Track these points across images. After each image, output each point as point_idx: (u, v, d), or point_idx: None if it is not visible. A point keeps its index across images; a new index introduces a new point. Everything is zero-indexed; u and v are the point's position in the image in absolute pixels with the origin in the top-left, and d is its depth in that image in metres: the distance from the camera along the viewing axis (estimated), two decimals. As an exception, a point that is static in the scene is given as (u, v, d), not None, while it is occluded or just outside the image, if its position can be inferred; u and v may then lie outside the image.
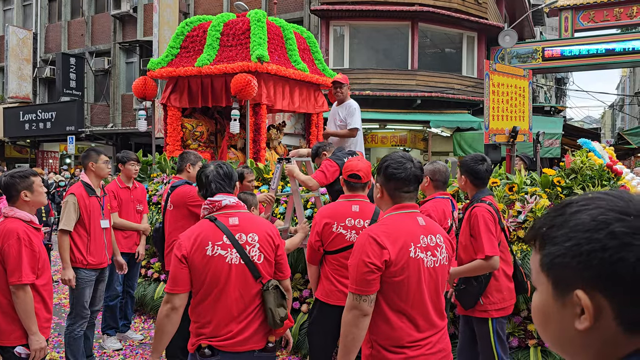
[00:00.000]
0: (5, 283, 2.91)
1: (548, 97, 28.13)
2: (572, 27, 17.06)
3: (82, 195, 4.25)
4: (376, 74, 15.26)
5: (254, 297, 2.42)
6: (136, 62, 19.68)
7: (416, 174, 2.20)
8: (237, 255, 2.38)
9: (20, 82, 21.51)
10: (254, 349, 2.42)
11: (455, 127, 14.55)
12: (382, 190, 2.24)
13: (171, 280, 2.37)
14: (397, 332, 2.10)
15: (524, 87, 6.42)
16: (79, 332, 4.28)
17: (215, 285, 2.36)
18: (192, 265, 2.35)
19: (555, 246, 0.83)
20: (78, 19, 21.44)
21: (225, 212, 2.46)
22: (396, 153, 2.29)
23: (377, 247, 2.06)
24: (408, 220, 2.18)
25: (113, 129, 19.39)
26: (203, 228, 2.42)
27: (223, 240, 2.38)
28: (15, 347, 2.92)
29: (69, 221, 4.15)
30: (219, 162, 2.61)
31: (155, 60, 6.61)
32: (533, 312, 0.90)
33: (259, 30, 6.13)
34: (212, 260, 2.35)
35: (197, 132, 6.73)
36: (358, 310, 2.07)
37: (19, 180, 3.02)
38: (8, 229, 2.90)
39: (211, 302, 2.37)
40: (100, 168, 4.43)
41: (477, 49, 16.25)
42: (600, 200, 0.82)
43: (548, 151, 12.34)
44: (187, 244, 2.37)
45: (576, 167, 4.03)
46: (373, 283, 2.06)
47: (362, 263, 2.06)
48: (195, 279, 2.37)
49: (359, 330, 2.08)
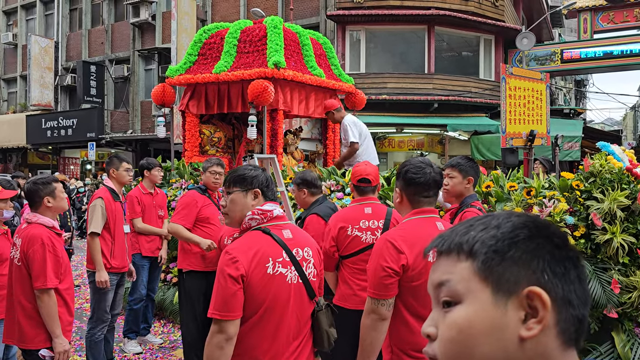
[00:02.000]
0: (30, 288, 2.98)
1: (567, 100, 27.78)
2: (591, 28, 16.86)
3: (108, 199, 4.34)
4: (392, 78, 15.24)
5: (307, 320, 2.15)
6: (155, 69, 19.95)
7: (435, 179, 2.21)
8: (295, 274, 2.07)
9: (42, 90, 21.94)
10: None
11: (473, 131, 14.46)
12: (402, 195, 2.24)
13: (222, 303, 1.94)
14: (416, 336, 2.08)
15: (541, 90, 6.37)
16: (100, 335, 4.34)
17: (274, 309, 2.01)
18: (249, 286, 1.97)
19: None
20: (98, 27, 21.83)
21: (277, 224, 2.13)
22: (415, 158, 2.30)
23: (395, 251, 2.08)
24: (426, 225, 2.18)
25: (132, 135, 19.66)
26: (259, 241, 2.05)
27: (283, 256, 2.05)
28: (39, 350, 2.99)
29: (97, 224, 4.23)
30: (258, 167, 2.28)
31: (174, 68, 6.71)
32: (450, 338, 0.74)
33: (276, 37, 6.19)
34: (273, 280, 2.00)
35: (215, 138, 6.81)
36: (376, 314, 2.08)
37: (41, 186, 3.10)
38: (32, 235, 2.97)
39: (271, 329, 2.02)
40: (121, 175, 4.54)
41: (495, 51, 16.14)
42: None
43: (567, 154, 12.21)
44: (245, 260, 1.97)
45: (595, 170, 3.98)
46: (391, 287, 2.07)
47: (380, 267, 2.07)
48: (251, 303, 1.98)
49: (377, 334, 2.09)
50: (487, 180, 4.47)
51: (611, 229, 3.63)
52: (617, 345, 3.59)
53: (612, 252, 3.64)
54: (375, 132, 15.87)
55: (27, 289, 2.98)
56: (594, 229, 3.74)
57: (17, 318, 3.00)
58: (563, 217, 3.77)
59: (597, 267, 3.69)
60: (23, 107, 23.26)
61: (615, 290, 3.56)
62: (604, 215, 3.71)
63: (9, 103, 24.96)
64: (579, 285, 0.73)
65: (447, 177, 3.04)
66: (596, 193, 3.84)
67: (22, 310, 2.99)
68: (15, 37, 24.21)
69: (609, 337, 3.67)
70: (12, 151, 23.42)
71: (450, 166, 3.12)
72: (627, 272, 3.65)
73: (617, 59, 15.34)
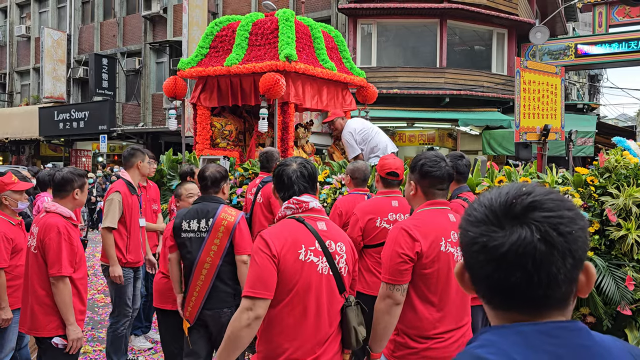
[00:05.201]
0: (44, 275, 3.02)
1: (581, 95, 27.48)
2: (606, 22, 16.61)
3: (126, 193, 4.30)
4: (404, 72, 15.15)
5: (337, 314, 2.14)
6: (166, 62, 20.00)
7: (450, 172, 2.31)
8: (326, 265, 2.09)
9: (55, 83, 22.10)
10: None
11: (485, 126, 14.36)
12: (417, 187, 2.32)
13: (256, 282, 1.96)
14: (423, 322, 2.18)
15: (556, 84, 6.29)
16: (122, 330, 4.32)
17: (304, 296, 2.02)
18: (281, 269, 2.00)
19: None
20: (110, 20, 21.91)
21: (312, 215, 2.17)
22: (429, 152, 2.38)
23: (410, 239, 2.16)
24: (440, 215, 2.27)
25: (144, 128, 19.76)
26: (293, 228, 2.09)
27: (315, 245, 2.07)
28: (52, 337, 3.02)
29: (113, 219, 4.19)
30: (301, 159, 2.29)
31: (185, 60, 6.71)
32: None
33: (287, 30, 6.16)
34: (304, 266, 2.03)
35: (226, 130, 6.81)
36: (391, 299, 2.15)
37: (77, 178, 3.15)
38: (49, 224, 3.03)
39: (297, 317, 2.02)
40: (146, 167, 4.58)
41: (507, 45, 15.98)
42: (490, 191, 0.94)
43: (581, 150, 12.08)
44: (278, 242, 2.01)
45: (610, 166, 3.92)
46: (405, 273, 2.15)
47: (396, 254, 2.15)
48: (283, 286, 2.00)
49: (391, 318, 2.16)
50: (500, 175, 4.43)
51: (626, 225, 3.59)
52: (631, 343, 3.55)
53: (626, 249, 3.59)
54: (386, 127, 15.80)
55: (41, 277, 3.03)
56: (609, 225, 3.69)
57: (30, 306, 3.05)
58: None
59: (612, 264, 3.65)
60: (36, 100, 23.44)
61: (629, 287, 3.52)
62: (618, 211, 3.66)
63: (22, 95, 25.17)
64: None
65: None
66: (611, 189, 3.79)
67: (35, 298, 3.05)
68: (28, 29, 24.37)
69: (623, 334, 3.63)
70: (24, 143, 23.64)
71: None
72: (641, 269, 3.60)
73: (632, 53, 15.11)
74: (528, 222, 0.84)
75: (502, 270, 0.83)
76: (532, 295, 0.84)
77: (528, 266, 0.83)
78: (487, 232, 0.85)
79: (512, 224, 0.84)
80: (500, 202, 0.87)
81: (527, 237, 0.82)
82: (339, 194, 5.04)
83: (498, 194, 0.89)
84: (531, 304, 0.86)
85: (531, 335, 0.83)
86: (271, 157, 4.69)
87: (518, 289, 0.84)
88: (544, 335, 0.83)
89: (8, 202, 3.62)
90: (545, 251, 0.82)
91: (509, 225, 0.84)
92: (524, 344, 0.82)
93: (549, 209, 0.85)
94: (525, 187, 0.89)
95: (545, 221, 0.83)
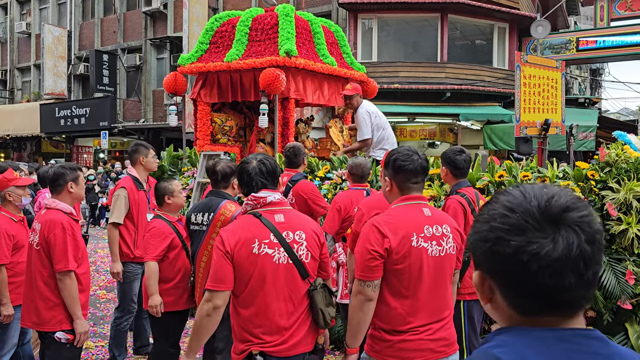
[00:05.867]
0: (47, 271, 3.04)
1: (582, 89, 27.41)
2: (608, 16, 16.55)
3: (132, 189, 4.31)
4: (405, 67, 15.12)
5: (303, 298, 2.31)
6: (167, 58, 19.99)
7: (423, 165, 2.32)
8: (284, 255, 2.26)
9: (56, 79, 22.09)
10: (305, 352, 2.32)
11: (486, 120, 14.33)
12: (391, 183, 2.35)
13: (213, 276, 2.21)
14: (396, 317, 2.21)
15: (556, 78, 6.27)
16: (125, 325, 4.34)
17: (262, 285, 2.22)
18: (236, 263, 2.21)
19: (471, 231, 0.95)
20: (110, 16, 21.88)
21: (270, 209, 2.33)
22: (402, 147, 2.42)
23: (380, 235, 2.17)
24: (413, 211, 2.28)
25: (145, 124, 19.76)
26: (248, 224, 2.28)
27: (270, 238, 2.25)
28: (55, 332, 3.04)
29: (119, 214, 4.21)
30: (261, 156, 2.45)
31: (185, 56, 6.70)
32: (472, 281, 1.01)
33: (287, 25, 6.15)
34: (258, 259, 2.22)
35: (227, 126, 6.81)
36: (362, 295, 2.18)
37: (68, 171, 3.17)
38: (52, 220, 3.04)
39: (260, 303, 2.23)
40: (150, 162, 4.54)
41: (509, 40, 15.93)
42: (505, 195, 0.91)
43: (582, 144, 12.06)
44: (232, 239, 2.22)
45: (611, 160, 3.92)
46: (376, 270, 2.17)
47: (366, 250, 2.18)
48: (240, 279, 2.22)
49: (364, 314, 2.19)
50: (500, 170, 4.43)
51: (627, 219, 3.59)
52: (631, 337, 3.56)
53: (627, 243, 3.60)
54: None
55: (44, 273, 3.05)
56: (609, 219, 3.69)
57: (34, 301, 3.07)
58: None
59: (612, 258, 3.65)
60: (37, 96, 23.45)
61: (629, 282, 3.52)
62: (619, 206, 3.66)
63: (23, 92, 25.17)
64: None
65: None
66: (612, 183, 3.79)
67: (38, 294, 3.07)
68: (28, 26, 24.35)
69: (623, 328, 3.63)
70: (26, 140, 23.67)
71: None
72: (642, 263, 3.61)
73: (634, 47, 15.05)
74: (568, 225, 0.85)
75: (557, 275, 0.83)
76: (577, 296, 0.86)
77: (580, 268, 0.84)
78: (534, 239, 0.83)
79: (553, 228, 0.84)
80: (534, 206, 0.86)
81: (575, 240, 0.84)
82: (339, 189, 5.04)
83: (523, 197, 0.88)
84: (570, 305, 0.87)
85: (549, 340, 0.84)
86: (299, 152, 4.43)
87: (566, 292, 0.85)
88: (561, 341, 0.84)
89: (12, 198, 3.63)
90: (591, 250, 0.85)
91: (550, 230, 0.84)
92: (540, 349, 0.84)
93: (578, 208, 0.87)
94: (545, 188, 0.90)
95: (582, 221, 0.85)
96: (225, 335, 3.37)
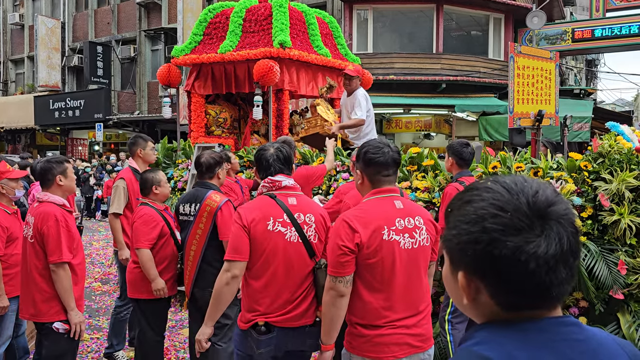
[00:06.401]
0: (42, 263, 3.07)
1: (578, 80, 27.43)
2: (603, 6, 16.52)
3: (131, 180, 4.39)
4: (400, 58, 15.08)
5: (307, 275, 2.51)
6: (161, 50, 19.87)
7: (394, 157, 2.31)
8: (295, 234, 2.47)
9: (50, 71, 21.95)
10: (306, 324, 2.50)
11: (481, 111, 14.34)
12: (363, 176, 2.34)
13: (232, 248, 2.41)
14: (372, 311, 2.20)
15: (550, 69, 6.26)
16: (126, 315, 4.43)
17: (273, 260, 2.43)
18: (252, 237, 2.42)
19: (448, 230, 0.93)
20: (104, 7, 21.72)
21: (284, 192, 2.55)
22: (374, 139, 2.43)
23: (350, 230, 2.17)
24: (384, 204, 2.27)
25: (139, 116, 19.68)
26: (264, 203, 2.50)
27: (284, 218, 2.46)
28: (52, 323, 3.06)
29: (119, 204, 4.32)
30: (277, 144, 2.68)
31: (179, 48, 6.67)
32: (442, 276, 1.02)
33: (281, 16, 6.13)
34: (272, 235, 2.43)
35: (221, 118, 6.79)
36: (335, 290, 2.18)
37: (55, 165, 3.19)
38: (46, 212, 3.07)
39: (268, 278, 2.43)
40: (148, 154, 4.63)
41: (504, 31, 15.90)
42: (488, 192, 0.89)
43: (577, 135, 12.08)
44: (249, 215, 2.44)
45: (604, 151, 3.93)
46: (347, 265, 2.17)
47: (337, 246, 2.17)
48: (254, 252, 2.43)
49: (337, 310, 2.20)
50: (494, 161, 4.43)
51: (619, 210, 3.60)
52: (623, 327, 3.59)
53: (619, 233, 3.61)
54: (383, 113, 15.77)
55: (39, 265, 3.08)
56: (602, 210, 3.71)
57: (31, 293, 3.10)
58: (570, 198, 3.74)
59: (604, 248, 3.67)
60: (31, 88, 23.31)
61: (621, 272, 3.55)
62: (612, 196, 3.68)
63: (16, 84, 25.01)
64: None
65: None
66: (604, 174, 3.80)
67: (34, 285, 3.10)
68: (21, 17, 24.16)
69: (615, 318, 3.66)
70: (20, 132, 23.55)
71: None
72: (634, 253, 3.63)
73: (629, 37, 15.04)
74: (556, 219, 0.85)
75: (552, 271, 0.83)
76: (565, 289, 0.87)
77: (570, 261, 0.85)
78: (530, 238, 0.83)
79: (542, 224, 0.84)
80: (523, 202, 0.85)
81: (564, 235, 0.84)
82: (333, 180, 5.05)
83: (508, 194, 0.87)
84: (558, 298, 0.87)
85: (532, 333, 0.85)
86: (290, 146, 4.23)
87: (559, 286, 0.85)
88: (543, 332, 0.85)
89: (5, 191, 3.64)
90: (576, 242, 0.87)
91: (539, 226, 0.84)
92: (525, 341, 0.84)
93: (560, 202, 0.87)
94: (526, 181, 0.89)
95: (566, 215, 0.86)
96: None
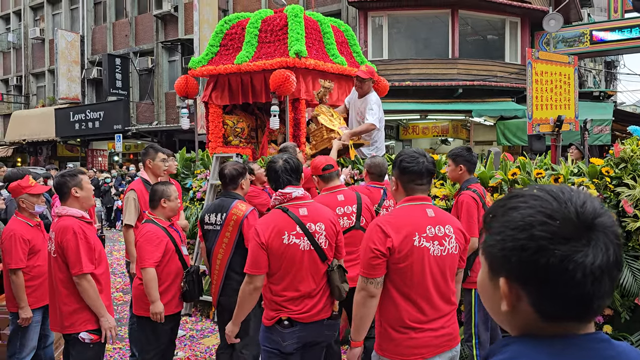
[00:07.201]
0: (65, 276, 3.13)
1: (597, 82, 27.06)
2: (622, 7, 16.31)
3: (141, 191, 4.40)
4: (416, 64, 15.04)
5: (322, 276, 2.79)
6: (178, 61, 20.11)
7: (428, 167, 2.39)
8: (308, 243, 2.70)
9: (70, 84, 22.35)
10: (324, 318, 2.80)
11: (499, 116, 14.21)
12: (397, 183, 2.43)
13: (253, 263, 2.66)
14: (402, 314, 2.30)
15: (569, 74, 6.19)
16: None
17: (291, 268, 2.69)
18: (270, 251, 2.66)
19: (490, 235, 0.92)
20: (122, 20, 22.07)
21: (295, 203, 2.75)
22: (410, 148, 2.52)
23: (382, 234, 2.27)
24: (417, 211, 2.36)
25: (158, 127, 19.91)
26: (277, 218, 2.72)
27: (296, 230, 2.69)
28: (79, 333, 3.11)
29: (130, 216, 4.33)
30: (286, 156, 2.84)
31: (196, 59, 6.74)
32: (477, 283, 1.01)
33: (297, 26, 6.15)
34: (288, 248, 2.67)
35: (238, 128, 6.83)
36: (365, 291, 2.29)
37: (69, 178, 3.24)
38: (64, 226, 3.12)
39: (289, 282, 2.70)
40: (157, 166, 4.59)
41: (521, 34, 15.77)
42: (536, 200, 0.88)
43: (597, 138, 11.89)
44: (266, 232, 2.66)
45: (626, 155, 3.87)
46: (378, 267, 2.27)
47: (369, 249, 2.28)
48: (273, 263, 2.68)
49: (367, 310, 2.31)
50: (514, 167, 4.39)
51: (643, 216, 3.54)
52: (649, 335, 3.51)
53: (643, 240, 3.55)
54: (399, 119, 15.72)
55: (63, 278, 3.14)
56: (625, 217, 3.64)
57: (58, 306, 3.17)
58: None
59: (629, 255, 3.61)
60: (52, 101, 23.75)
61: (647, 279, 3.48)
62: (635, 202, 3.61)
63: (38, 97, 25.51)
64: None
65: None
66: (627, 179, 3.74)
67: (60, 298, 3.16)
68: (42, 32, 24.66)
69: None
70: (42, 144, 23.98)
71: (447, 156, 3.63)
72: (659, 260, 3.56)
73: (649, 38, 14.81)
74: (602, 231, 0.84)
75: (597, 282, 0.83)
76: (605, 302, 0.86)
77: (614, 274, 0.85)
78: (579, 247, 0.82)
79: (589, 235, 0.84)
80: (572, 212, 0.84)
81: (611, 247, 0.84)
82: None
83: (556, 202, 0.86)
84: (597, 311, 0.87)
85: (567, 348, 0.85)
86: (293, 152, 4.38)
87: (602, 298, 0.85)
88: (578, 348, 0.85)
89: (25, 205, 3.70)
90: (620, 255, 0.86)
91: (586, 236, 0.83)
92: (557, 357, 0.84)
93: (606, 214, 0.87)
94: (573, 191, 0.89)
95: (611, 226, 0.85)
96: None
